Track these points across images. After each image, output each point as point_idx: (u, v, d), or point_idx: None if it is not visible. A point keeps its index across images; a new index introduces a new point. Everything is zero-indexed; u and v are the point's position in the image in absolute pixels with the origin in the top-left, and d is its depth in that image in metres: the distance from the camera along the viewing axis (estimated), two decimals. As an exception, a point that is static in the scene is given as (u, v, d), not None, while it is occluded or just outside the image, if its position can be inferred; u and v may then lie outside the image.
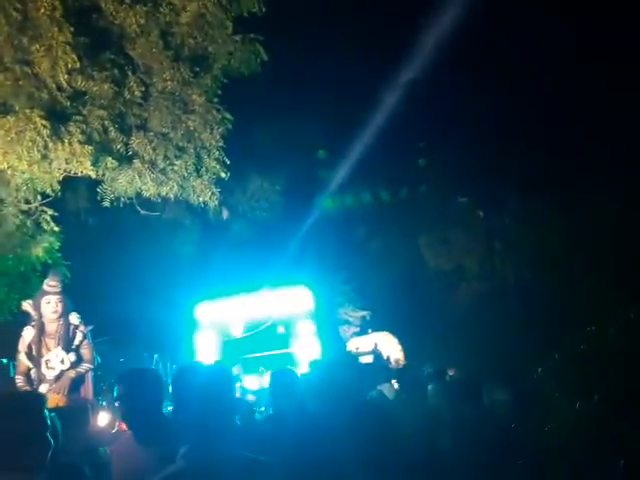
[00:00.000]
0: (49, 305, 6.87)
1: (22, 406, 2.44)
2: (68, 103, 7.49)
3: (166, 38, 8.06)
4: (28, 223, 9.56)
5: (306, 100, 13.91)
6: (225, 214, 13.12)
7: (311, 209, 15.64)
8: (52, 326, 6.90)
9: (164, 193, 8.42)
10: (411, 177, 16.31)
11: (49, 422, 2.47)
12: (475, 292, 17.11)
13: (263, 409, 8.88)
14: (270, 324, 11.36)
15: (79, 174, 7.71)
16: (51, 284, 6.97)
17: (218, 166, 8.49)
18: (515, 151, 14.45)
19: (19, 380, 6.80)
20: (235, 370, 10.95)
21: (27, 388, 6.64)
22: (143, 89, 7.96)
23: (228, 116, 8.54)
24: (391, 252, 17.14)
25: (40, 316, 6.90)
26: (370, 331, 14.59)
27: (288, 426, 3.48)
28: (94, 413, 6.66)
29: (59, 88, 7.27)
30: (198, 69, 8.29)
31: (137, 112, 8.07)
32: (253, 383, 11.31)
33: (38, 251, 9.76)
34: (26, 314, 7.04)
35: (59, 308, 6.89)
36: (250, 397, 10.00)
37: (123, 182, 8.10)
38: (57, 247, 10.00)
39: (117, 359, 10.76)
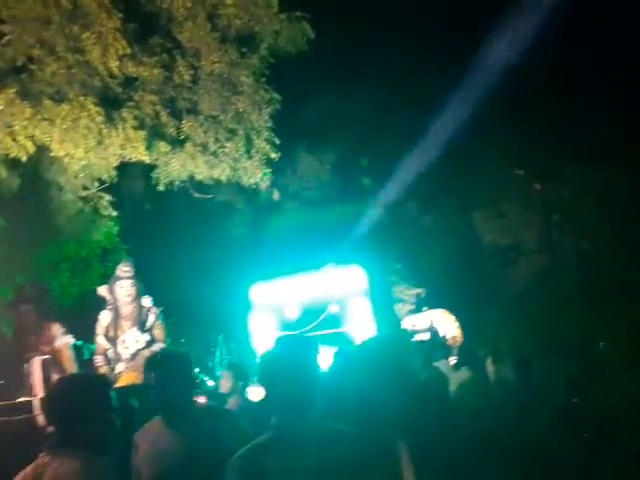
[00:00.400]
0: (122, 289, 7.25)
1: (84, 388, 2.51)
2: (120, 89, 7.63)
3: (213, 20, 8.09)
4: (87, 209, 9.84)
5: (355, 75, 13.72)
6: (276, 195, 13.16)
7: (361, 187, 15.50)
8: (126, 309, 7.27)
9: (216, 175, 8.53)
10: (465, 150, 15.91)
11: (114, 404, 2.54)
12: (535, 266, 16.68)
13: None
14: (327, 309, 11.34)
15: (133, 159, 7.87)
16: (124, 269, 7.35)
17: (268, 147, 8.52)
18: (574, 118, 13.86)
19: (98, 360, 7.24)
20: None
21: (105, 367, 7.11)
22: (192, 72, 8.03)
23: (276, 96, 8.54)
24: (445, 228, 16.85)
25: (115, 300, 7.28)
26: (425, 309, 14.41)
27: (346, 406, 3.45)
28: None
29: (111, 75, 7.40)
30: (245, 50, 8.30)
31: (187, 96, 8.16)
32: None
33: (98, 236, 10.04)
34: (101, 299, 7.42)
35: (132, 292, 7.27)
36: None
37: (176, 166, 8.25)
38: (116, 232, 10.27)
39: (178, 339, 10.97)
